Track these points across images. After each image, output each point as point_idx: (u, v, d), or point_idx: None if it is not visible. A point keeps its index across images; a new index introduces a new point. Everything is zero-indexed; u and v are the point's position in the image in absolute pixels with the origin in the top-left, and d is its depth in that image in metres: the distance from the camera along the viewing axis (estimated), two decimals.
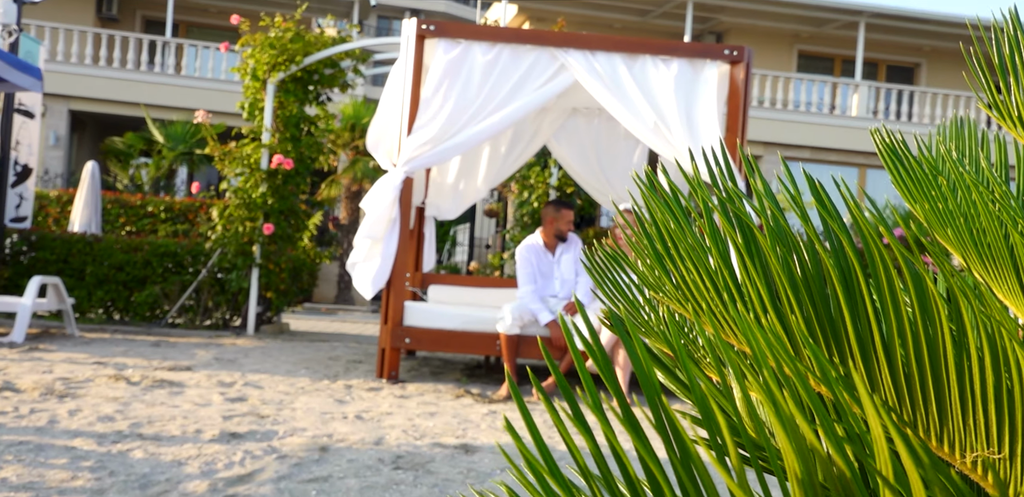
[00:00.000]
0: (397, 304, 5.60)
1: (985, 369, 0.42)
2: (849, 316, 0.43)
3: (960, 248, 0.69)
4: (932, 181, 0.68)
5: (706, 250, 0.50)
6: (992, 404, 0.43)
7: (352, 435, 3.79)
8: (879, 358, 0.43)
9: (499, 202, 14.78)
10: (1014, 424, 0.43)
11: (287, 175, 7.93)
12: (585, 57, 5.51)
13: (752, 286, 0.47)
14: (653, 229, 0.54)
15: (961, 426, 0.44)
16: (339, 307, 13.71)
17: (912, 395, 0.44)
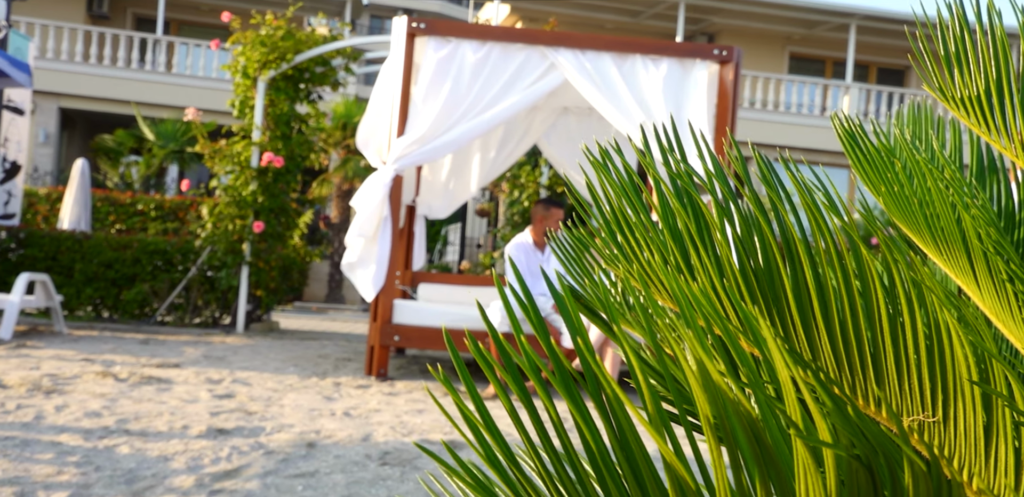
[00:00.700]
0: (386, 302, 5.62)
1: (918, 334, 0.44)
2: (790, 285, 0.45)
3: (915, 230, 0.71)
4: (888, 165, 0.70)
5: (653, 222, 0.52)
6: (926, 369, 0.45)
7: (340, 432, 3.80)
8: (818, 325, 0.46)
9: (490, 201, 14.80)
10: (947, 388, 0.45)
11: (277, 173, 7.93)
12: (575, 56, 5.54)
13: (695, 256, 0.49)
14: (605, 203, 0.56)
15: (898, 391, 0.46)
16: (330, 306, 13.70)
17: (851, 361, 0.46)
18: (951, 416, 0.46)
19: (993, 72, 0.53)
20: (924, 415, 0.46)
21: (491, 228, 14.88)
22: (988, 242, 0.59)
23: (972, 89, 0.54)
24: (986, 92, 0.53)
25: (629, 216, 0.53)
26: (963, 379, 0.43)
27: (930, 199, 0.68)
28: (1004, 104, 0.52)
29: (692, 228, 0.47)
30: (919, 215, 0.69)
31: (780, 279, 0.46)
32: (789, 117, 16.46)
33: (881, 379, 0.46)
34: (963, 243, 0.66)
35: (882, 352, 0.46)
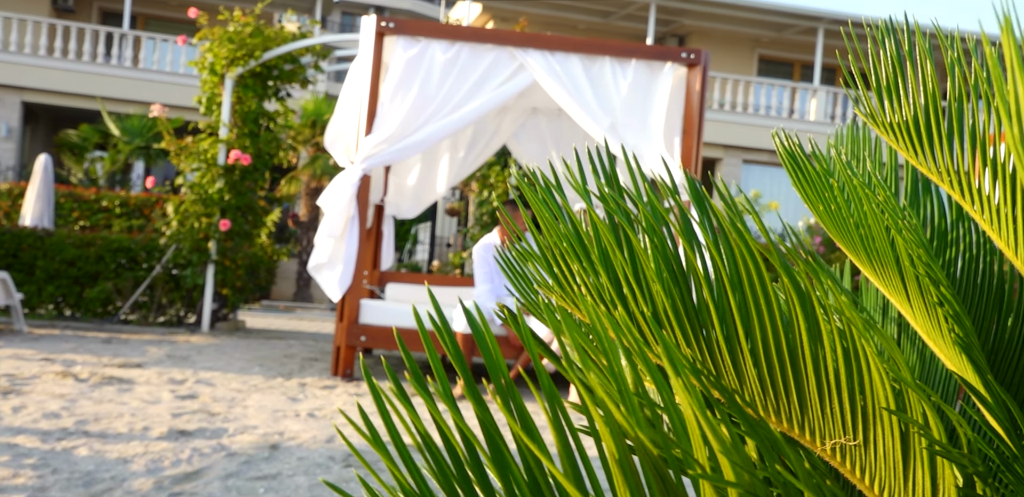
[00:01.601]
0: (353, 302, 5.59)
1: (838, 361, 0.45)
2: (715, 312, 0.46)
3: (852, 250, 0.73)
4: (826, 185, 0.71)
5: (585, 243, 0.52)
6: (846, 395, 0.46)
7: (304, 433, 3.78)
8: (744, 351, 0.46)
9: (460, 201, 14.77)
10: (866, 414, 0.46)
11: (245, 171, 7.86)
12: (544, 57, 5.55)
13: (614, 280, 0.50)
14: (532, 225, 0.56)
15: (820, 415, 0.47)
16: (298, 305, 13.61)
17: (775, 385, 0.47)
18: (871, 440, 0.47)
19: (921, 102, 0.54)
20: (845, 439, 0.47)
21: (461, 227, 14.87)
22: (920, 266, 0.60)
23: (901, 116, 0.55)
24: (914, 120, 0.54)
25: (564, 250, 0.54)
26: (880, 406, 0.44)
27: (865, 221, 0.69)
28: (931, 132, 0.53)
29: (625, 265, 0.48)
30: (855, 235, 0.70)
31: (706, 308, 0.47)
32: (758, 119, 16.62)
33: (804, 404, 0.47)
34: (897, 264, 0.68)
35: (803, 376, 0.47)
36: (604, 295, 0.50)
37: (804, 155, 0.72)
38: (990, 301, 0.69)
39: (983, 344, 0.66)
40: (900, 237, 0.63)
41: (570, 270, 0.53)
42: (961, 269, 0.71)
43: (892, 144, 0.57)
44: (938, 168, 0.52)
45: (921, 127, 0.53)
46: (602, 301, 0.50)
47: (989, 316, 0.69)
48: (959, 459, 0.44)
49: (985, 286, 0.70)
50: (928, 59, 0.56)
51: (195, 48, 14.61)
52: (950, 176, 0.52)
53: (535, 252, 0.58)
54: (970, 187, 0.51)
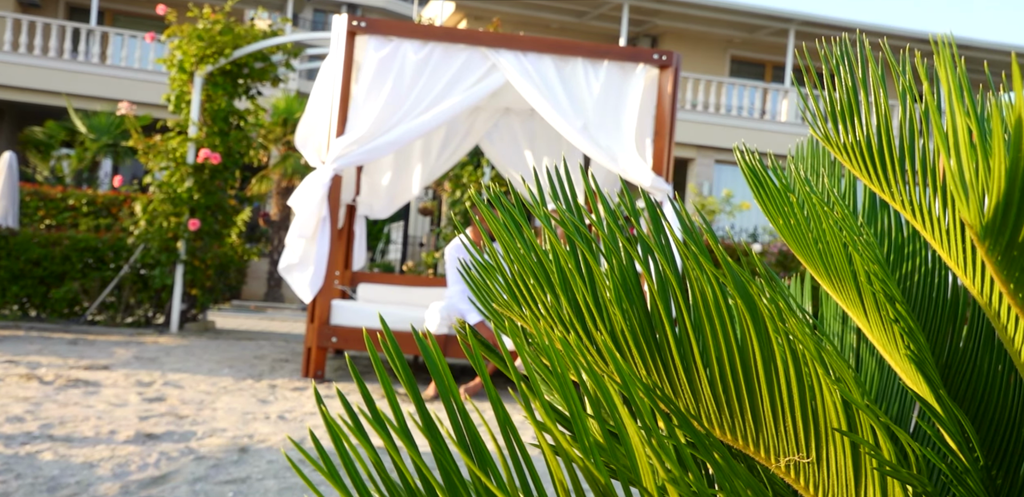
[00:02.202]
0: (324, 303, 5.57)
1: (791, 380, 0.46)
2: (670, 333, 0.46)
3: (811, 264, 0.74)
4: (785, 200, 0.72)
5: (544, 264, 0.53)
6: (799, 413, 0.47)
7: (274, 436, 3.76)
8: (699, 371, 0.47)
9: (434, 200, 14.75)
10: (819, 432, 0.47)
11: (214, 170, 7.79)
12: (516, 58, 5.55)
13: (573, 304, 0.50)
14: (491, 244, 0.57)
15: (774, 433, 0.48)
16: (269, 305, 13.51)
17: (730, 404, 0.48)
18: (823, 458, 0.48)
19: (873, 125, 0.55)
20: (799, 456, 0.48)
21: (434, 227, 14.84)
22: (876, 283, 0.61)
23: (854, 138, 0.56)
24: (867, 142, 0.55)
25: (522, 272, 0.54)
26: (832, 425, 0.45)
27: (824, 237, 0.70)
28: (883, 155, 0.54)
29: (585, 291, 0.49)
30: (814, 251, 0.72)
31: (663, 328, 0.47)
32: (730, 120, 16.75)
33: (759, 423, 0.48)
34: (854, 280, 0.69)
35: (758, 395, 0.48)
36: (563, 316, 0.50)
37: (764, 170, 0.73)
38: (944, 315, 0.71)
39: (937, 358, 0.68)
40: (857, 254, 0.65)
41: (529, 291, 0.53)
42: (917, 283, 0.72)
43: (846, 164, 0.58)
44: (890, 190, 0.54)
45: (874, 150, 0.54)
46: (560, 322, 0.51)
47: (943, 330, 0.70)
48: (908, 479, 0.45)
49: (940, 300, 0.71)
50: (881, 85, 0.57)
51: (164, 45, 14.44)
52: (902, 198, 0.53)
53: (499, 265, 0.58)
54: (921, 209, 0.52)
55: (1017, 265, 0.38)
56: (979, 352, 0.68)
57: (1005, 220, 0.36)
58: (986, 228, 0.37)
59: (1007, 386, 0.66)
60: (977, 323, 0.69)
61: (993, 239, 0.37)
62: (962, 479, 0.58)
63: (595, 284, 0.48)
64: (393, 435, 0.56)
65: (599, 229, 0.52)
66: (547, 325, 0.52)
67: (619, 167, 5.59)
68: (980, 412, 0.65)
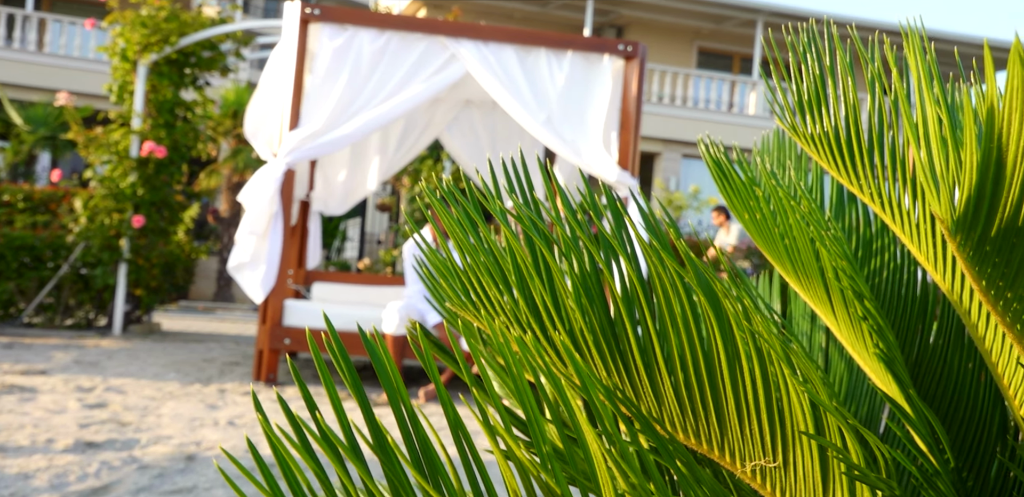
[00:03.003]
0: (276, 303, 5.51)
1: (756, 382, 0.45)
2: (632, 333, 0.46)
3: (778, 260, 0.74)
4: (750, 193, 0.72)
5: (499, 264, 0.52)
6: (765, 415, 0.46)
7: (223, 442, 3.71)
8: (662, 373, 0.47)
9: (392, 196, 14.68)
10: (785, 436, 0.47)
11: (160, 164, 7.67)
12: (477, 48, 5.54)
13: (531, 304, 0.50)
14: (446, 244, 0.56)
15: (740, 436, 0.48)
16: (218, 305, 13.36)
17: (693, 407, 0.47)
18: (791, 462, 0.47)
19: (842, 115, 0.55)
20: (765, 460, 0.47)
21: (392, 224, 14.77)
22: (844, 279, 0.61)
23: (821, 128, 0.56)
24: (835, 133, 0.55)
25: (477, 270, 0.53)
26: (799, 428, 0.45)
27: (790, 232, 0.70)
28: (851, 146, 0.54)
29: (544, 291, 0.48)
30: (780, 246, 0.71)
31: (624, 328, 0.46)
32: (697, 113, 16.88)
33: (724, 426, 0.47)
34: (821, 277, 0.69)
35: (722, 398, 0.47)
36: (520, 317, 0.49)
37: (730, 163, 0.73)
38: (914, 312, 0.71)
39: (907, 356, 0.68)
40: (824, 249, 0.64)
41: (484, 290, 0.52)
42: (886, 279, 0.72)
43: (814, 156, 0.58)
44: (859, 182, 0.53)
45: (842, 141, 0.54)
46: (517, 322, 0.50)
47: (913, 327, 0.71)
48: (877, 483, 0.44)
49: (909, 297, 0.72)
50: (849, 74, 0.57)
51: (105, 32, 14.19)
52: (871, 190, 0.53)
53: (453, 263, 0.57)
54: (891, 203, 0.52)
55: (988, 261, 0.38)
56: (949, 350, 0.68)
57: (977, 214, 0.35)
58: (957, 223, 0.36)
59: (977, 385, 0.66)
60: (947, 320, 0.70)
61: (964, 234, 0.37)
62: (932, 482, 0.58)
63: (553, 283, 0.47)
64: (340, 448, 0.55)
65: (557, 225, 0.51)
66: (503, 325, 0.51)
67: (583, 161, 5.60)
68: (950, 412, 0.65)
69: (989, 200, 0.34)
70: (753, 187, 0.72)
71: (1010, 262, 0.37)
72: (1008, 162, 0.33)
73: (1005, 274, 0.38)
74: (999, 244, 0.37)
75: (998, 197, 0.34)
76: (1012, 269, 0.38)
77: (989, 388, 0.65)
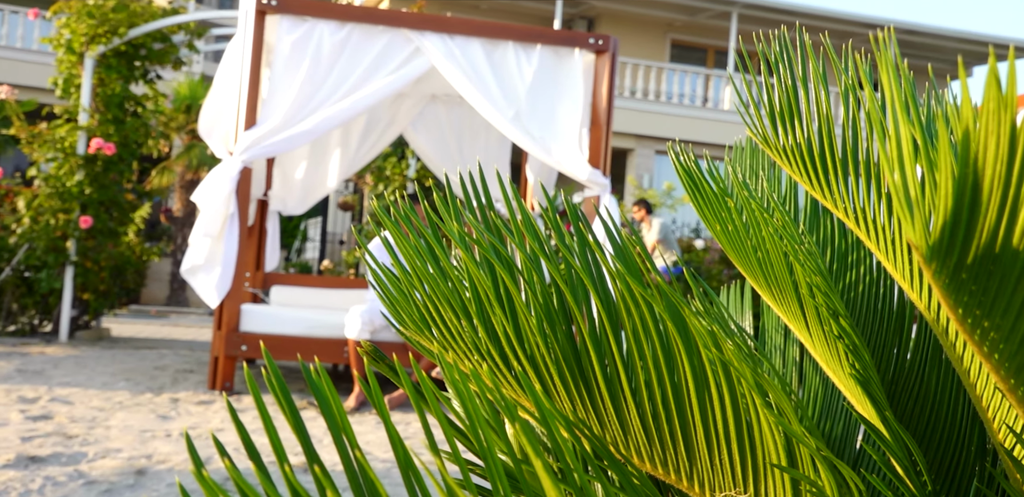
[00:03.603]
0: (232, 308, 5.45)
1: (726, 411, 0.45)
2: (597, 362, 0.45)
3: (751, 273, 0.73)
4: (723, 205, 0.71)
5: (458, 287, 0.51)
6: (735, 445, 0.46)
7: (175, 455, 3.66)
8: (627, 400, 0.46)
9: (354, 194, 14.60)
10: (756, 464, 0.46)
11: (108, 161, 7.56)
12: (443, 41, 5.52)
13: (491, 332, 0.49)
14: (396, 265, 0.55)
15: (709, 466, 0.47)
16: (171, 309, 13.22)
17: (661, 436, 0.46)
18: (762, 492, 0.47)
19: (815, 127, 0.54)
20: (736, 491, 0.47)
21: (355, 223, 14.69)
22: (819, 296, 0.61)
23: (794, 140, 0.55)
24: (807, 146, 0.54)
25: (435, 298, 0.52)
26: (771, 459, 0.44)
27: (763, 245, 0.70)
28: (825, 159, 0.54)
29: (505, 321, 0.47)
30: (753, 259, 0.71)
31: (588, 356, 0.46)
32: (671, 107, 16.97)
33: (692, 455, 0.47)
34: (795, 292, 0.69)
35: (691, 427, 0.46)
36: (480, 346, 0.48)
37: (701, 173, 0.72)
38: (890, 328, 0.71)
39: (883, 375, 0.68)
40: (798, 264, 0.64)
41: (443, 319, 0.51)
42: (861, 294, 0.72)
43: (787, 169, 0.57)
44: (833, 197, 0.53)
45: (815, 153, 0.54)
46: (477, 351, 0.49)
47: (889, 344, 0.71)
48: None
49: (885, 312, 0.72)
50: (823, 84, 0.56)
51: (50, 23, 13.95)
52: (845, 205, 0.53)
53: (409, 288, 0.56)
54: (866, 218, 0.52)
55: (965, 289, 0.37)
56: (926, 368, 0.68)
57: (952, 241, 0.35)
58: (933, 249, 0.36)
59: (955, 404, 0.66)
60: (924, 337, 0.70)
61: (940, 261, 0.36)
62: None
63: (515, 311, 0.46)
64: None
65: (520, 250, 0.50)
66: (462, 353, 0.50)
67: (553, 159, 5.60)
68: (928, 433, 0.65)
69: (965, 226, 0.34)
70: (725, 198, 0.71)
71: (987, 290, 0.37)
72: (984, 187, 0.32)
73: (982, 303, 0.38)
74: (976, 272, 0.36)
75: (974, 223, 0.34)
76: (989, 297, 0.38)
77: (968, 408, 0.66)
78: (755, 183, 0.78)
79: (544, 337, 0.44)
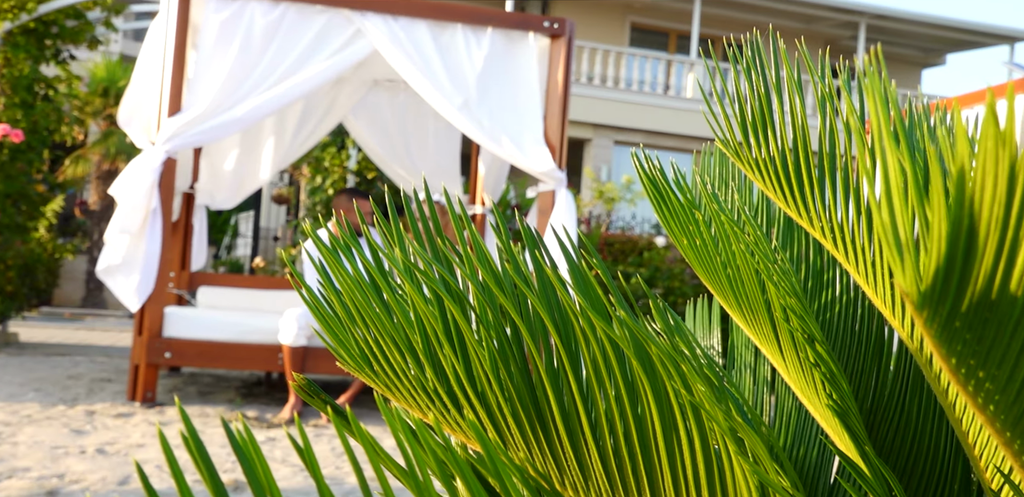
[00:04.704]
0: (155, 311, 5.36)
1: (696, 456, 0.44)
2: (555, 401, 0.44)
3: (720, 291, 0.73)
4: (691, 218, 0.71)
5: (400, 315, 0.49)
6: (705, 489, 0.45)
7: (91, 474, 3.59)
8: (588, 443, 0.45)
9: (290, 186, 14.46)
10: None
11: (16, 150, 7.39)
12: (386, 22, 5.48)
13: (439, 372, 0.47)
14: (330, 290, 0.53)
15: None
16: (87, 312, 12.98)
17: (624, 480, 0.46)
18: None
19: (789, 140, 0.54)
20: None
21: (291, 218, 14.55)
22: (794, 320, 0.60)
23: (768, 153, 0.55)
24: (782, 160, 0.54)
25: (379, 337, 0.50)
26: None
27: (734, 261, 0.69)
28: (800, 174, 0.53)
29: (456, 362, 0.45)
30: (722, 276, 0.71)
31: (545, 393, 0.45)
32: (630, 95, 17.06)
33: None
34: (768, 312, 0.68)
35: (657, 469, 0.46)
36: (427, 386, 0.47)
37: (667, 183, 0.72)
38: (869, 352, 0.71)
39: (860, 403, 0.68)
40: (772, 285, 0.64)
41: (384, 354, 0.50)
42: (837, 314, 0.72)
43: (760, 185, 0.57)
44: (808, 215, 0.53)
45: (790, 166, 0.53)
46: (424, 392, 0.47)
47: (868, 370, 0.71)
48: None
49: (864, 334, 0.72)
50: (797, 94, 0.56)
51: None
52: (821, 224, 0.52)
53: (349, 321, 0.54)
54: (844, 238, 0.51)
55: (959, 338, 0.37)
56: (907, 395, 0.68)
57: (946, 287, 0.34)
58: (924, 296, 0.35)
59: (938, 435, 0.66)
60: (904, 362, 0.70)
61: (932, 309, 0.36)
62: None
63: (467, 350, 0.45)
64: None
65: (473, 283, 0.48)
66: (406, 392, 0.48)
67: (504, 151, 5.60)
68: (908, 466, 0.65)
69: (960, 272, 0.33)
70: (693, 211, 0.71)
71: (983, 339, 0.37)
72: (981, 230, 0.32)
73: (977, 352, 0.38)
74: (971, 320, 0.36)
75: (970, 268, 0.33)
76: (984, 347, 0.37)
77: (951, 438, 0.66)
78: (724, 193, 0.78)
79: (496, 372, 0.43)
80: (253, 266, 12.26)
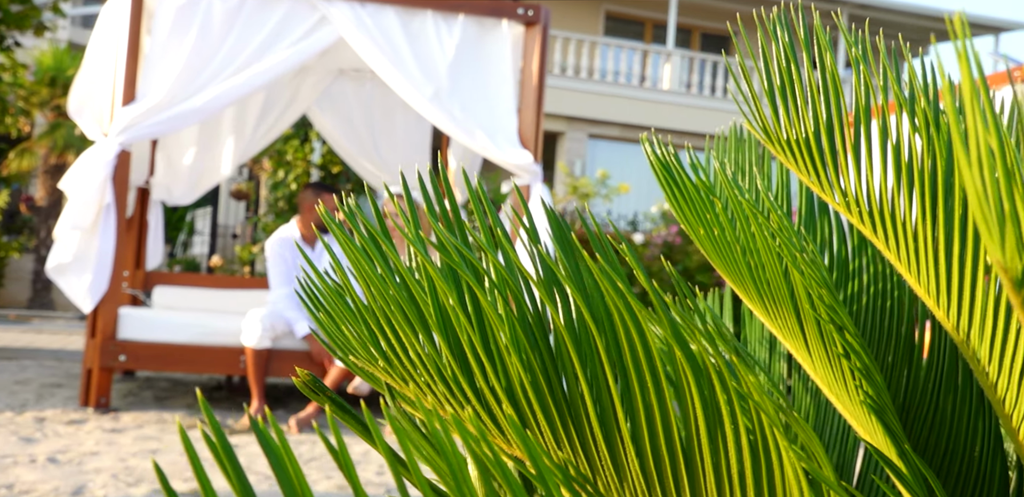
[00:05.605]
0: (109, 312, 5.29)
1: (743, 453, 0.43)
2: (590, 398, 0.42)
3: (739, 282, 0.72)
4: (708, 205, 0.69)
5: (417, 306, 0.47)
6: (751, 485, 0.43)
7: (42, 484, 3.54)
8: (625, 444, 0.43)
9: (250, 181, 14.35)
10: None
11: None
12: (352, 8, 5.44)
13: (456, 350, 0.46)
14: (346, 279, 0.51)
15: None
16: (35, 313, 12.84)
17: (664, 484, 0.44)
18: None
19: (823, 112, 0.52)
20: None
21: (250, 214, 14.45)
22: (821, 308, 0.59)
23: (799, 131, 0.53)
24: (815, 135, 0.52)
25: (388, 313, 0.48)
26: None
27: (754, 248, 0.68)
28: (835, 151, 0.52)
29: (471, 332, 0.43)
30: (742, 265, 0.69)
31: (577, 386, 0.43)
32: (605, 86, 17.10)
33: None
34: (792, 301, 0.67)
35: (700, 472, 0.44)
36: (445, 372, 0.45)
37: (681, 167, 0.70)
38: (900, 347, 0.70)
39: (893, 399, 0.67)
40: (797, 272, 0.62)
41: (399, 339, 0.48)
42: (865, 306, 0.71)
43: (790, 166, 0.55)
44: (843, 191, 0.51)
45: (823, 138, 0.52)
46: (442, 380, 0.45)
47: (899, 365, 0.70)
48: None
49: (894, 328, 0.71)
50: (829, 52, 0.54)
51: None
52: (857, 200, 0.51)
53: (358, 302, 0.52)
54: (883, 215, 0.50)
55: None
56: (941, 392, 0.67)
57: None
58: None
59: (974, 434, 0.65)
60: (937, 357, 0.69)
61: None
62: None
63: (484, 327, 0.43)
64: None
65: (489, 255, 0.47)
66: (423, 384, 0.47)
67: (477, 143, 5.58)
68: (944, 466, 0.64)
69: None
70: (710, 195, 0.69)
71: None
72: None
73: None
74: None
75: None
76: None
77: (989, 438, 0.65)
78: (741, 180, 0.76)
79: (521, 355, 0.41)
80: (211, 265, 12.16)
